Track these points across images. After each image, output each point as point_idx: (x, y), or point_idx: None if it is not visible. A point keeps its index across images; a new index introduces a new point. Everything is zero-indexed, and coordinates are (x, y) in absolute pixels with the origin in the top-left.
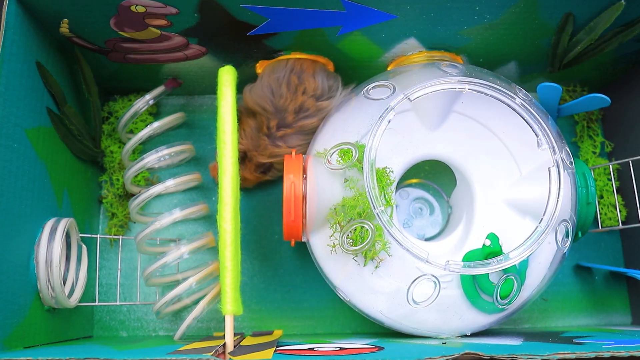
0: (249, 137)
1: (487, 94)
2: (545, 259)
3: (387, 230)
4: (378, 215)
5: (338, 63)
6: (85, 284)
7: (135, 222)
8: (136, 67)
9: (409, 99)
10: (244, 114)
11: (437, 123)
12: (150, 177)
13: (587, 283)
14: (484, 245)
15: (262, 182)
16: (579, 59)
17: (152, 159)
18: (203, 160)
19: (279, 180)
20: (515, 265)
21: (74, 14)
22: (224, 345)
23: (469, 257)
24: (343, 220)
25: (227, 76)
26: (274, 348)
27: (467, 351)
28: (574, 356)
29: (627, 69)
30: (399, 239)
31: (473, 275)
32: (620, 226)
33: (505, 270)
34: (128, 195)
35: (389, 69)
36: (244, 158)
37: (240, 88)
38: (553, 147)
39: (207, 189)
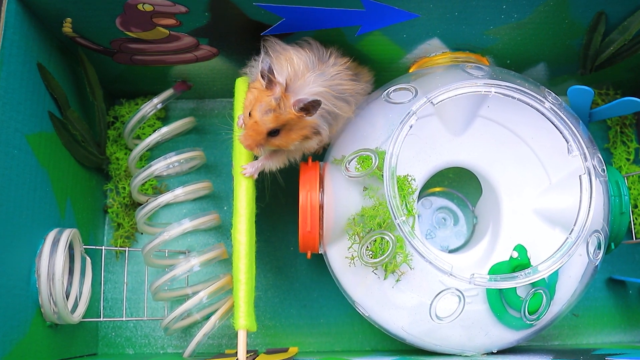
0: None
1: (515, 98)
2: (576, 272)
3: (409, 242)
4: (399, 226)
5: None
6: (89, 298)
7: (142, 233)
8: (143, 69)
9: (432, 102)
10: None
11: (462, 128)
12: (159, 185)
13: (621, 297)
14: (511, 257)
15: (276, 193)
16: (611, 61)
17: (160, 166)
18: (214, 167)
19: (295, 188)
20: (544, 278)
21: (77, 13)
22: None
23: (495, 270)
24: (362, 231)
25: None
26: None
27: None
28: None
29: None
30: (421, 250)
31: (499, 289)
32: None
33: (533, 284)
34: (135, 205)
35: (410, 70)
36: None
37: None
38: (584, 154)
39: (219, 198)
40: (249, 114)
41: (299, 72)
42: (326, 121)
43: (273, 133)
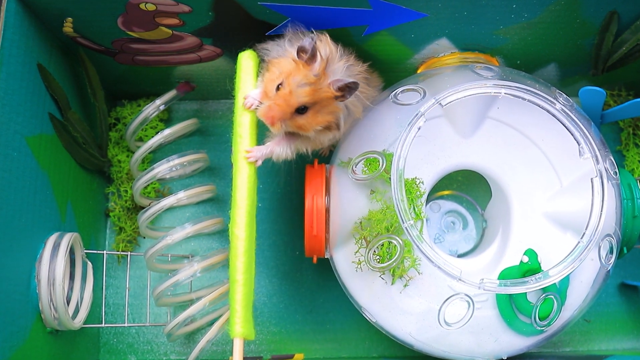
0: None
1: (525, 99)
2: (587, 277)
3: (417, 246)
4: (407, 230)
5: None
6: (90, 304)
7: (144, 237)
8: (146, 69)
9: (440, 104)
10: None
11: (471, 130)
12: (161, 188)
13: (633, 303)
14: (521, 262)
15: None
16: (624, 61)
17: (163, 169)
18: (218, 170)
19: (300, 191)
20: (555, 283)
21: (78, 13)
22: None
23: (505, 275)
24: (369, 235)
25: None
26: None
27: None
28: None
29: None
30: (429, 255)
31: (510, 294)
32: None
33: (544, 289)
34: (137, 208)
35: (418, 71)
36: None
37: None
38: (596, 156)
39: (222, 202)
40: (277, 87)
41: (335, 57)
42: (344, 116)
43: (301, 110)
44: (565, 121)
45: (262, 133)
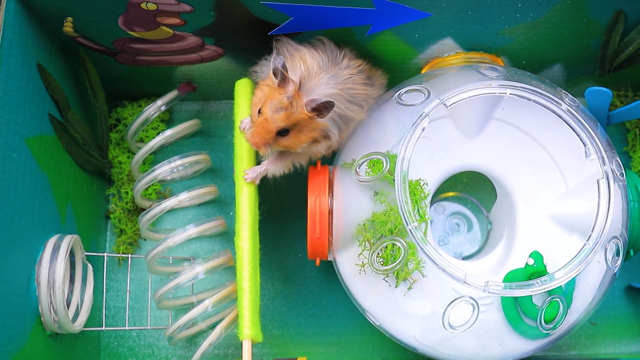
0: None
1: (531, 100)
2: (593, 279)
3: (421, 248)
4: (411, 232)
5: None
6: (90, 307)
7: (145, 239)
8: (147, 69)
9: (444, 104)
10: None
11: (476, 131)
12: (162, 190)
13: None
14: (526, 264)
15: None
16: (630, 61)
17: (164, 170)
18: (220, 171)
19: (303, 193)
20: (561, 286)
21: (78, 12)
22: None
23: (511, 278)
24: (373, 237)
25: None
26: None
27: None
28: None
29: None
30: (434, 257)
31: (515, 297)
32: None
33: (550, 292)
34: (138, 210)
35: (422, 71)
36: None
37: None
38: (602, 158)
39: (224, 203)
40: (258, 111)
41: (312, 72)
42: (337, 125)
43: (282, 133)
44: (571, 122)
45: None
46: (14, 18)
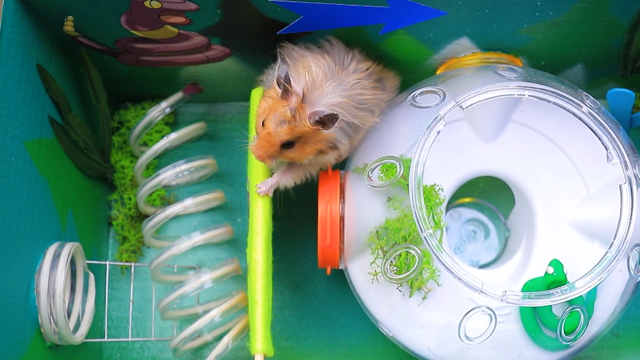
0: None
1: (550, 102)
2: (616, 288)
3: (436, 256)
4: (426, 239)
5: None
6: (92, 317)
7: (149, 247)
8: (150, 70)
9: (461, 106)
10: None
11: (493, 134)
12: (167, 195)
13: None
14: (546, 273)
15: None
16: None
17: (168, 175)
18: (226, 177)
19: (313, 199)
20: (582, 296)
21: (79, 11)
22: None
23: (529, 287)
24: (386, 244)
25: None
26: None
27: None
28: None
29: None
30: (449, 266)
31: (534, 307)
32: None
33: (570, 302)
34: (141, 217)
35: (438, 72)
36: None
37: None
38: (625, 162)
39: (231, 210)
40: (262, 123)
41: (317, 81)
42: (346, 134)
43: (287, 145)
44: (592, 125)
45: None
46: (12, 17)
